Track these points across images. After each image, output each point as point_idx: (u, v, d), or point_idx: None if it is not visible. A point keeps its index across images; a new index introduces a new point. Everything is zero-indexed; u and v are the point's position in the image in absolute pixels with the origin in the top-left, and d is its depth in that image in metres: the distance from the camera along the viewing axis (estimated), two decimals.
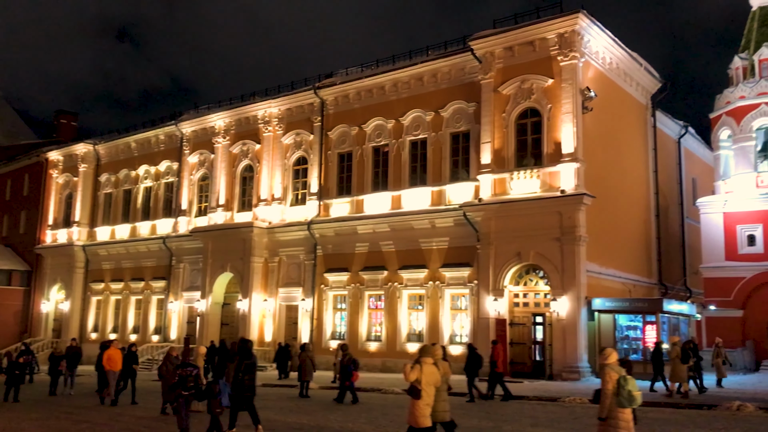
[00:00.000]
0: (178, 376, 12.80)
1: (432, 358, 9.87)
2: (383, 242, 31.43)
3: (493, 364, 19.66)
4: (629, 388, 8.48)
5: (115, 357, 19.56)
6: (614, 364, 8.79)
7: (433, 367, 9.79)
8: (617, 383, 8.53)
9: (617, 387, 8.52)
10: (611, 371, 8.66)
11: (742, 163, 31.17)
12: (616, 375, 8.61)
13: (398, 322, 30.43)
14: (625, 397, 8.47)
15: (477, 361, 19.66)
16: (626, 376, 8.59)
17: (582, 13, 26.27)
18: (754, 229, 30.35)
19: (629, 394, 8.47)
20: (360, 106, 33.64)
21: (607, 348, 9.12)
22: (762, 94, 30.80)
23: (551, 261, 25.75)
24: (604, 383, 8.69)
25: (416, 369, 9.54)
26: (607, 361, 8.82)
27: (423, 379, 9.50)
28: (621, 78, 30.79)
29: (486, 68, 28.63)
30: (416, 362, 9.74)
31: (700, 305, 31.21)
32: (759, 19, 32.93)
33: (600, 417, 8.72)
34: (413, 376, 9.47)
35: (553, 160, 26.45)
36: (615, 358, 8.87)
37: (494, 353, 19.90)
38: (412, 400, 9.59)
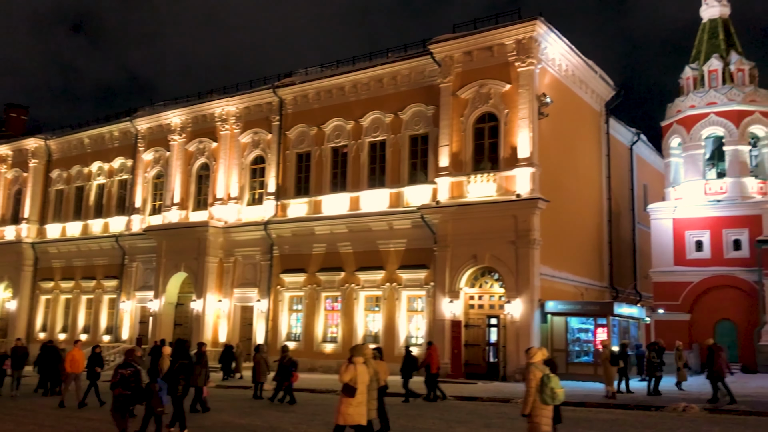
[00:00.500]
0: (120, 376, 12.66)
1: (362, 358, 10.08)
2: (341, 243, 31.40)
3: (427, 367, 19.85)
4: (552, 386, 8.73)
5: (78, 358, 19.05)
6: (539, 363, 9.02)
7: (364, 366, 10.01)
8: (541, 381, 8.77)
9: (541, 385, 8.76)
10: (536, 369, 8.90)
11: (691, 171, 32.05)
12: (540, 373, 8.85)
13: (355, 323, 30.43)
14: (548, 395, 8.72)
15: (412, 363, 19.88)
16: (550, 375, 8.84)
17: (540, 20, 26.69)
18: (702, 235, 31.24)
19: (552, 392, 8.71)
20: (319, 107, 33.56)
21: (533, 347, 9.42)
22: (711, 103, 31.74)
23: (506, 264, 26.08)
24: (528, 381, 8.91)
25: (351, 369, 9.72)
26: (533, 360, 9.05)
27: (357, 379, 9.70)
28: (576, 85, 31.39)
29: (445, 72, 28.87)
30: (349, 362, 9.92)
31: (650, 309, 31.99)
32: (709, 31, 33.95)
33: (523, 413, 8.97)
34: (348, 376, 9.67)
35: (509, 165, 26.80)
36: (540, 357, 9.11)
37: (429, 355, 20.08)
38: (343, 399, 9.77)
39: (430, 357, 19.88)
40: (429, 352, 20.17)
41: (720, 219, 30.86)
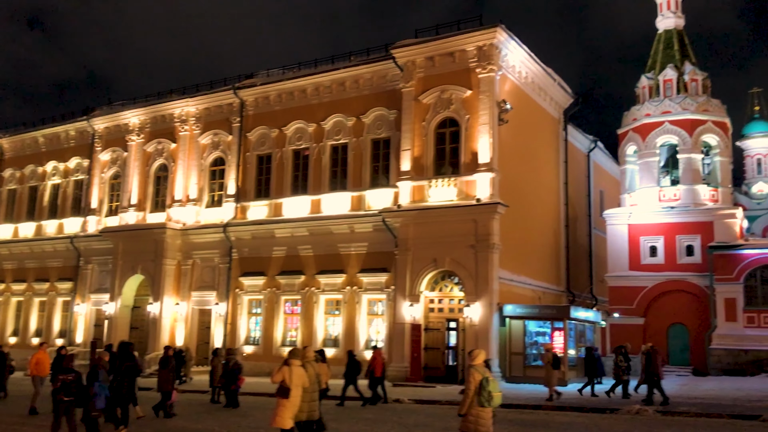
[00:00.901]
0: (61, 382, 12.55)
1: (300, 360, 10.24)
2: (301, 246, 31.28)
3: (371, 370, 20.00)
4: (490, 389, 8.88)
5: (43, 361, 18.55)
6: (480, 366, 9.16)
7: (300, 369, 10.15)
8: (480, 384, 8.92)
9: (479, 387, 8.91)
10: (476, 372, 9.05)
11: (646, 178, 32.76)
12: (479, 376, 9.00)
13: (314, 327, 30.31)
14: (485, 397, 8.88)
15: (356, 367, 20.00)
16: (489, 378, 9.01)
17: (500, 28, 27.02)
18: (656, 240, 31.95)
19: (489, 395, 8.88)
20: (281, 109, 33.39)
21: (475, 350, 9.54)
22: (666, 112, 32.52)
23: (466, 267, 26.30)
24: (468, 383, 9.06)
25: (282, 371, 9.84)
26: (474, 363, 9.20)
27: (292, 381, 9.83)
28: (536, 92, 31.85)
29: (407, 77, 29.02)
30: (284, 364, 10.08)
31: (605, 313, 32.58)
32: (664, 41, 34.79)
33: (459, 413, 9.13)
34: (278, 378, 9.82)
35: (469, 170, 27.05)
36: (481, 359, 9.26)
37: (374, 359, 20.19)
38: (278, 401, 9.89)
39: (375, 361, 20.01)
40: (374, 356, 20.34)
41: (673, 225, 31.61)
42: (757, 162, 43.83)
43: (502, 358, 26.13)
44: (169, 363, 17.24)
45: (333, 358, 29.21)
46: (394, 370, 26.65)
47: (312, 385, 10.73)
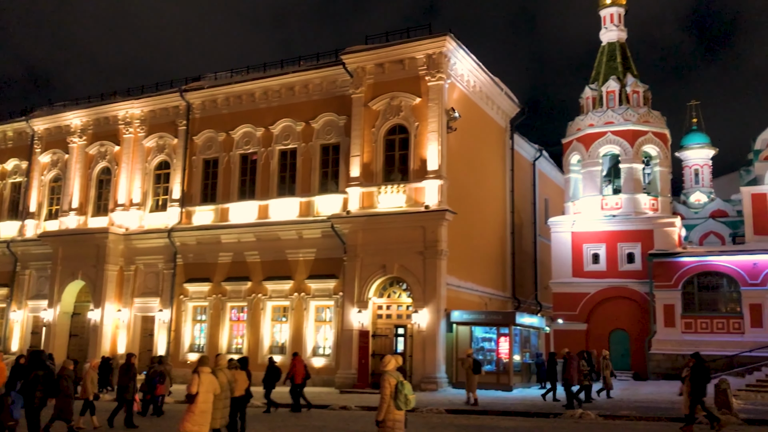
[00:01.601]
0: None
1: (209, 368, 10.37)
2: (248, 252, 30.90)
3: (292, 378, 20.01)
4: (405, 393, 9.13)
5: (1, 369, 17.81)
6: (393, 371, 9.37)
7: (210, 376, 10.28)
8: (395, 388, 9.14)
9: (395, 391, 9.13)
10: (390, 377, 9.24)
11: (589, 187, 33.54)
12: (394, 380, 9.21)
13: (261, 334, 29.97)
14: (402, 401, 9.12)
15: (275, 374, 20.00)
16: (403, 382, 9.23)
17: (449, 37, 27.32)
18: (599, 248, 32.71)
19: (405, 398, 9.14)
20: (228, 112, 33.00)
21: (387, 355, 9.74)
22: (608, 123, 33.38)
23: (414, 274, 26.42)
24: (383, 388, 9.24)
25: (194, 380, 10.02)
26: (387, 368, 9.41)
27: (201, 388, 9.99)
28: (483, 101, 32.29)
29: (357, 83, 29.06)
30: (194, 372, 10.22)
31: (549, 318, 33.16)
32: (607, 53, 35.74)
33: (377, 420, 9.28)
34: (194, 389, 9.97)
35: (418, 177, 27.23)
36: (393, 365, 9.46)
37: (293, 366, 20.19)
38: (187, 408, 10.01)
39: (294, 368, 20.02)
40: (293, 363, 20.34)
41: (615, 233, 32.42)
42: (694, 172, 45.35)
43: (449, 363, 26.31)
44: (130, 371, 16.87)
45: (280, 364, 28.93)
46: (341, 377, 26.58)
47: (224, 392, 10.87)
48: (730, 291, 29.29)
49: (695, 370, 15.07)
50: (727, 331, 28.84)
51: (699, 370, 15.00)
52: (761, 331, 28.03)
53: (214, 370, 10.67)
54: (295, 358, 20.61)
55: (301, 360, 20.62)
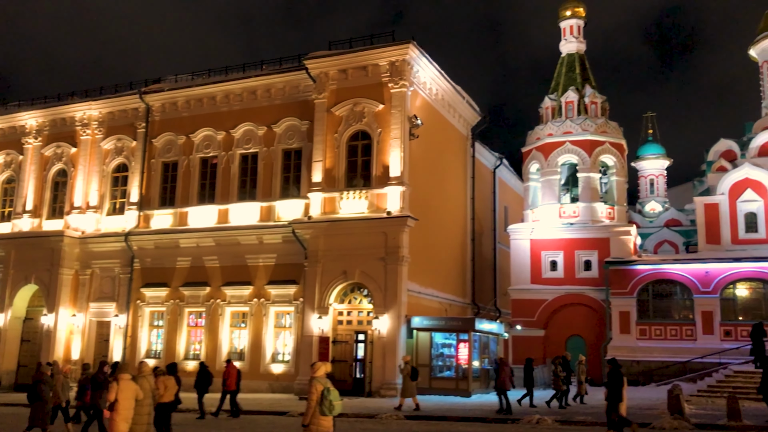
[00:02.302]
0: None
1: (128, 374, 10.51)
2: (207, 257, 30.57)
3: (223, 382, 19.98)
4: (331, 399, 9.43)
5: None
6: (321, 377, 9.65)
7: (130, 382, 10.42)
8: (321, 394, 9.42)
9: (321, 397, 9.41)
10: (317, 383, 9.54)
11: (547, 195, 34.06)
12: (321, 387, 9.50)
13: (219, 340, 29.65)
14: (327, 407, 9.41)
15: (207, 379, 19.95)
16: (330, 388, 9.51)
17: (412, 44, 27.52)
18: (557, 255, 33.21)
19: (330, 404, 9.42)
20: (189, 115, 32.65)
21: (317, 362, 10.10)
22: (567, 132, 33.96)
23: (375, 280, 26.46)
24: (310, 394, 9.53)
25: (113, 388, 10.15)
26: (316, 375, 9.69)
27: (120, 395, 10.13)
28: (445, 109, 32.57)
29: (320, 88, 29.04)
30: (114, 379, 10.38)
31: (508, 325, 33.52)
32: (567, 64, 36.40)
33: (303, 424, 9.57)
34: (112, 396, 10.08)
35: (380, 183, 27.31)
36: (323, 372, 9.74)
37: (226, 371, 20.16)
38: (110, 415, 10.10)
39: (228, 374, 19.95)
40: (227, 369, 20.31)
41: (573, 241, 32.97)
42: (650, 182, 46.44)
43: None
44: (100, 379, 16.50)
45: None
46: (301, 384, 26.42)
47: (146, 398, 10.95)
48: (683, 298, 30.01)
49: (611, 376, 15.32)
50: (680, 338, 29.51)
51: (614, 375, 15.23)
52: (712, 337, 28.76)
53: (136, 377, 10.79)
54: (229, 365, 20.63)
55: (234, 366, 20.66)
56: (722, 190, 32.65)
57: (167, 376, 14.03)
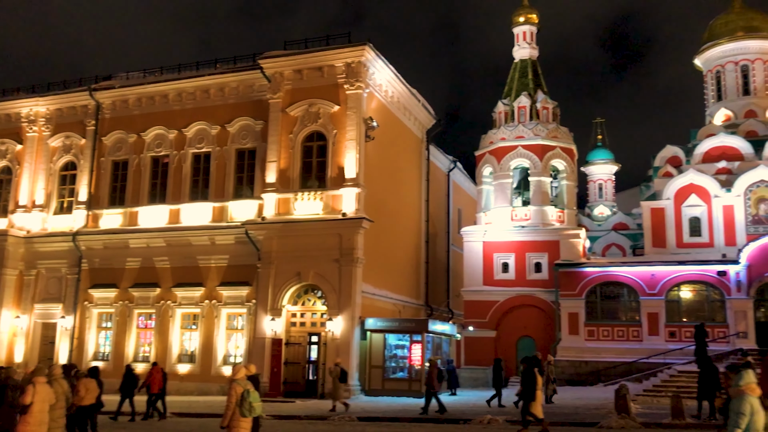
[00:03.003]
0: None
1: (44, 378, 10.40)
2: (158, 258, 30.06)
3: (147, 386, 19.93)
4: (250, 401, 9.55)
5: None
6: (241, 379, 9.78)
7: (45, 386, 10.31)
8: (241, 396, 9.55)
9: (241, 399, 9.54)
10: (237, 385, 9.67)
11: (500, 198, 34.53)
12: (241, 389, 9.62)
13: (170, 342, 29.19)
14: (246, 408, 9.53)
15: (133, 382, 19.84)
16: (249, 390, 9.64)
17: (368, 47, 27.58)
18: (508, 257, 33.69)
19: (250, 406, 9.55)
20: (140, 113, 32.07)
21: (237, 365, 10.30)
22: (519, 137, 34.49)
23: (329, 281, 26.42)
24: (229, 396, 9.65)
25: (29, 391, 10.00)
26: (236, 377, 9.82)
27: (36, 398, 10.00)
28: (401, 111, 32.74)
29: (275, 88, 28.87)
30: (30, 382, 10.24)
31: (460, 326, 33.85)
32: (520, 70, 36.97)
33: (222, 426, 9.68)
34: (27, 399, 9.95)
35: (336, 184, 27.29)
36: (243, 374, 9.88)
37: (150, 375, 20.12)
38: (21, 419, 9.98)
39: (151, 377, 19.90)
40: (151, 372, 20.22)
41: (524, 243, 33.48)
42: (598, 187, 47.53)
43: (362, 371, 26.43)
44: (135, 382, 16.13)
45: (189, 374, 28.33)
46: None
47: (59, 402, 10.88)
48: (630, 300, 30.76)
49: (525, 375, 15.55)
50: (626, 339, 30.25)
51: (528, 375, 15.47)
52: (658, 338, 29.57)
53: (50, 381, 10.69)
54: (154, 368, 20.48)
55: (159, 369, 20.48)
56: (668, 195, 33.66)
57: (88, 379, 13.96)
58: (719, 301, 29.35)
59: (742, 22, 38.39)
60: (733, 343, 28.15)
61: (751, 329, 28.37)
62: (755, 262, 28.78)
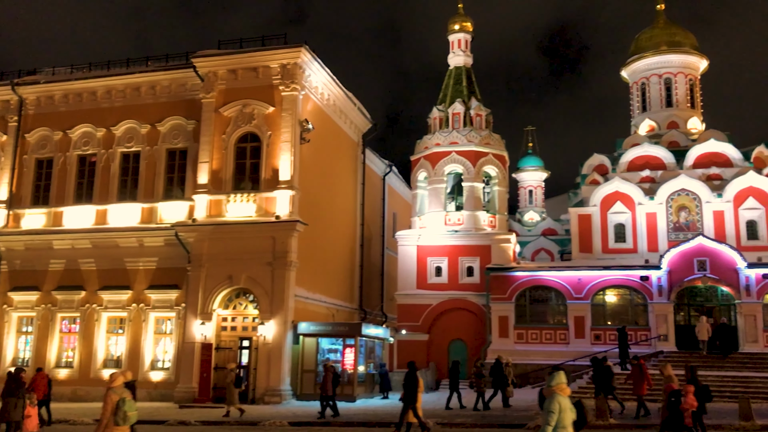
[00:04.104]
0: None
1: None
2: (83, 260, 29.07)
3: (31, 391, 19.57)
4: (125, 409, 9.58)
5: None
6: (118, 388, 9.76)
7: None
8: (117, 404, 9.56)
9: (116, 408, 9.55)
10: (113, 394, 9.66)
11: (434, 203, 34.91)
12: (117, 397, 9.62)
13: (95, 347, 28.25)
14: (121, 417, 9.57)
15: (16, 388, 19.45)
16: (125, 399, 9.65)
17: (304, 48, 27.44)
18: (441, 261, 34.07)
19: (125, 414, 9.59)
20: (67, 110, 30.98)
21: (114, 373, 10.20)
22: (453, 143, 34.95)
23: (262, 285, 26.11)
24: (105, 404, 9.65)
25: None
26: (112, 385, 9.78)
27: None
28: (337, 115, 32.69)
29: (208, 87, 28.38)
30: None
31: (394, 329, 34.00)
32: (454, 77, 37.48)
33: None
34: None
35: (269, 186, 27.00)
36: (120, 382, 9.86)
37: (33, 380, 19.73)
38: None
39: (35, 383, 19.51)
40: (35, 378, 19.83)
41: (457, 247, 33.92)
42: (529, 193, 48.70)
43: (294, 375, 26.22)
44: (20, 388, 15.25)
45: None
46: (181, 391, 25.67)
47: None
48: (558, 304, 31.58)
49: (407, 378, 15.81)
50: (554, 342, 31.03)
51: (410, 378, 15.72)
52: (584, 341, 30.44)
53: None
54: (38, 373, 20.05)
55: (44, 375, 20.06)
56: (594, 202, 34.75)
57: None
58: (642, 305, 30.46)
59: (666, 37, 40.04)
60: (655, 345, 29.30)
61: (672, 332, 29.56)
62: (676, 267, 30.01)
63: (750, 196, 33.26)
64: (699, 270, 29.77)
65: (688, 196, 33.99)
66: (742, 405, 17.42)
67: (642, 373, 19.55)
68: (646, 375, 19.72)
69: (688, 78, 39.63)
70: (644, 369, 19.80)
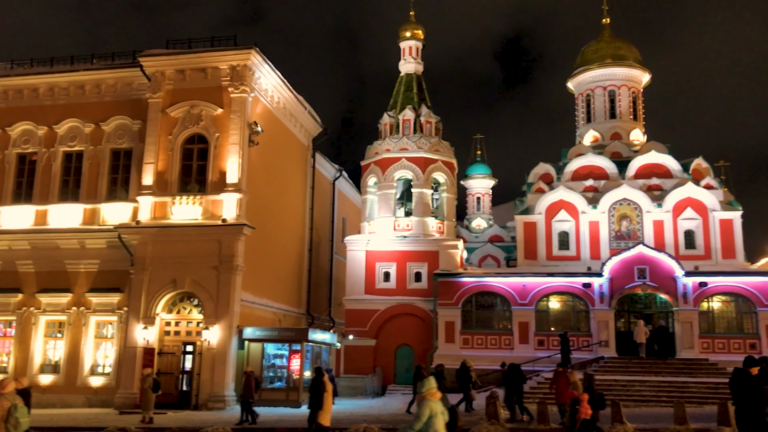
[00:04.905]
0: None
1: None
2: (21, 261, 28.17)
3: None
4: (17, 416, 9.44)
5: None
6: (10, 394, 9.61)
7: None
8: (8, 411, 9.38)
9: (7, 415, 9.38)
10: (4, 400, 9.47)
11: (384, 208, 35.02)
12: (8, 404, 9.45)
13: (31, 351, 27.38)
14: (12, 424, 9.40)
15: None
16: (17, 405, 9.49)
17: (254, 50, 27.23)
18: (390, 266, 34.18)
19: (16, 422, 9.43)
20: (6, 107, 30.05)
21: (6, 379, 10.10)
22: (403, 149, 35.16)
23: (207, 289, 25.74)
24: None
25: None
26: (4, 391, 9.60)
27: None
28: (287, 118, 32.51)
29: (155, 87, 27.89)
30: None
31: (341, 335, 33.94)
32: (405, 84, 37.72)
33: None
34: None
35: (216, 189, 26.66)
36: (12, 388, 9.70)
37: None
38: None
39: None
40: None
41: (405, 253, 34.09)
42: (477, 200, 49.34)
43: (239, 381, 25.85)
44: None
45: (52, 385, 26.69)
46: (122, 397, 25.10)
47: None
48: (503, 310, 32.01)
49: (313, 383, 15.86)
50: (499, 347, 31.43)
51: (316, 383, 15.78)
52: (528, 346, 30.93)
53: None
54: None
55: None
56: (539, 209, 35.38)
57: None
58: (584, 312, 31.12)
59: (611, 50, 41.10)
60: (596, 351, 29.96)
61: (612, 338, 30.28)
62: (617, 275, 30.79)
63: (688, 207, 34.35)
64: (639, 278, 30.60)
65: (630, 206, 34.91)
66: (677, 409, 17.95)
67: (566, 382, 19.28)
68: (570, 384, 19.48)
69: (631, 91, 40.75)
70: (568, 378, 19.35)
